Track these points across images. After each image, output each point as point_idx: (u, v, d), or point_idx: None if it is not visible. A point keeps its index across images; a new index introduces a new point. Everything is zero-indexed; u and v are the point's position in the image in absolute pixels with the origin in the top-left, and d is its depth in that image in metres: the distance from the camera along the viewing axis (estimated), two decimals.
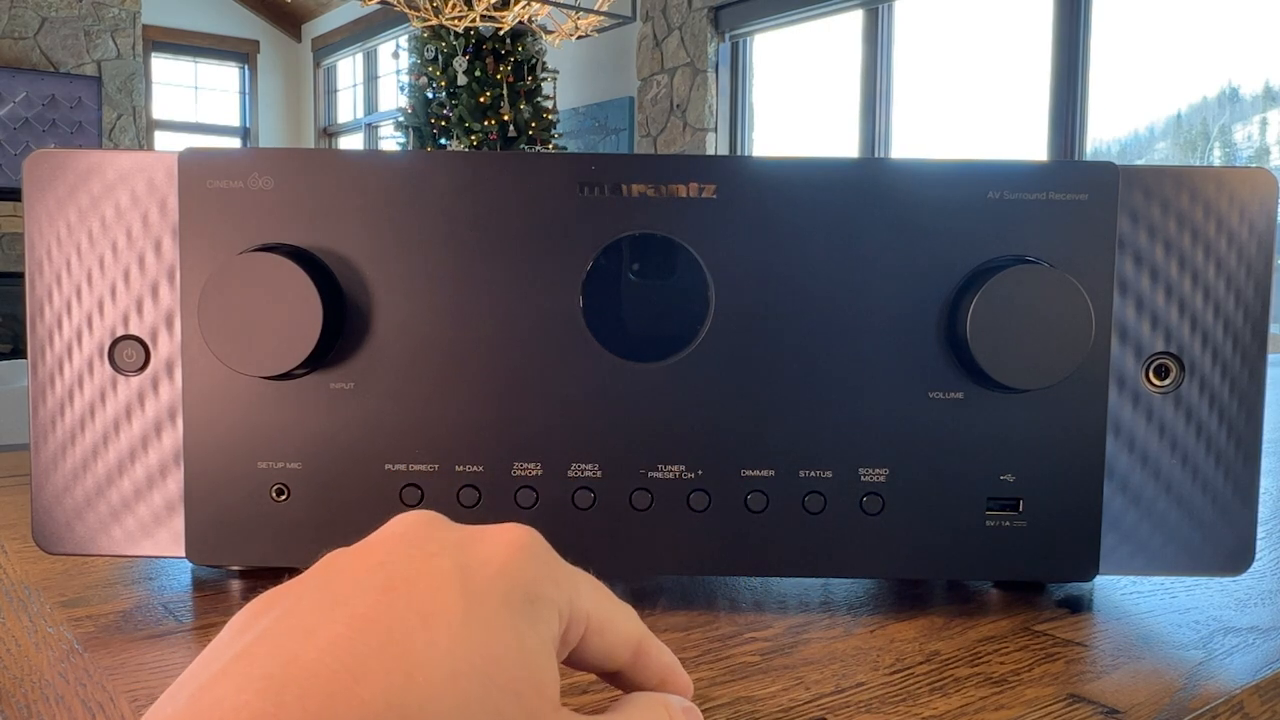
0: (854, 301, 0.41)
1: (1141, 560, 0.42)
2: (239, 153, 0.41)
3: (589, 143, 5.11)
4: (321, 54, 7.23)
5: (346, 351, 0.41)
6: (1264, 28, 3.17)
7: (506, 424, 0.41)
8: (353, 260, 0.41)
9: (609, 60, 5.01)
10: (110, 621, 0.41)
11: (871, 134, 4.15)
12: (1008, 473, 0.41)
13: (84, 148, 0.44)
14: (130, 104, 5.74)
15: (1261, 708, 0.36)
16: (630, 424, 0.41)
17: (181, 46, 6.85)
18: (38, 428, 0.42)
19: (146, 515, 0.42)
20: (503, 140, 4.59)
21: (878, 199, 0.41)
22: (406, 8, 3.77)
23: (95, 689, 0.34)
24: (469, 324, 0.41)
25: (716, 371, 0.41)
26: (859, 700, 0.34)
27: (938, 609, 0.43)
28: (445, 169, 0.41)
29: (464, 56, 4.57)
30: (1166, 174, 0.41)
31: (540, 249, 0.41)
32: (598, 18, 3.92)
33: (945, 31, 4.05)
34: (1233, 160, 3.44)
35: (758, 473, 0.41)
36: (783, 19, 4.36)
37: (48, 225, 0.41)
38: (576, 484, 0.41)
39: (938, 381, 0.41)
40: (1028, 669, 0.37)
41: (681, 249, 0.41)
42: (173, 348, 0.42)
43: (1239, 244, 0.42)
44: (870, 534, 0.41)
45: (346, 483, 0.41)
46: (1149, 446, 0.42)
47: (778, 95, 4.68)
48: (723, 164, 0.41)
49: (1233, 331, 0.42)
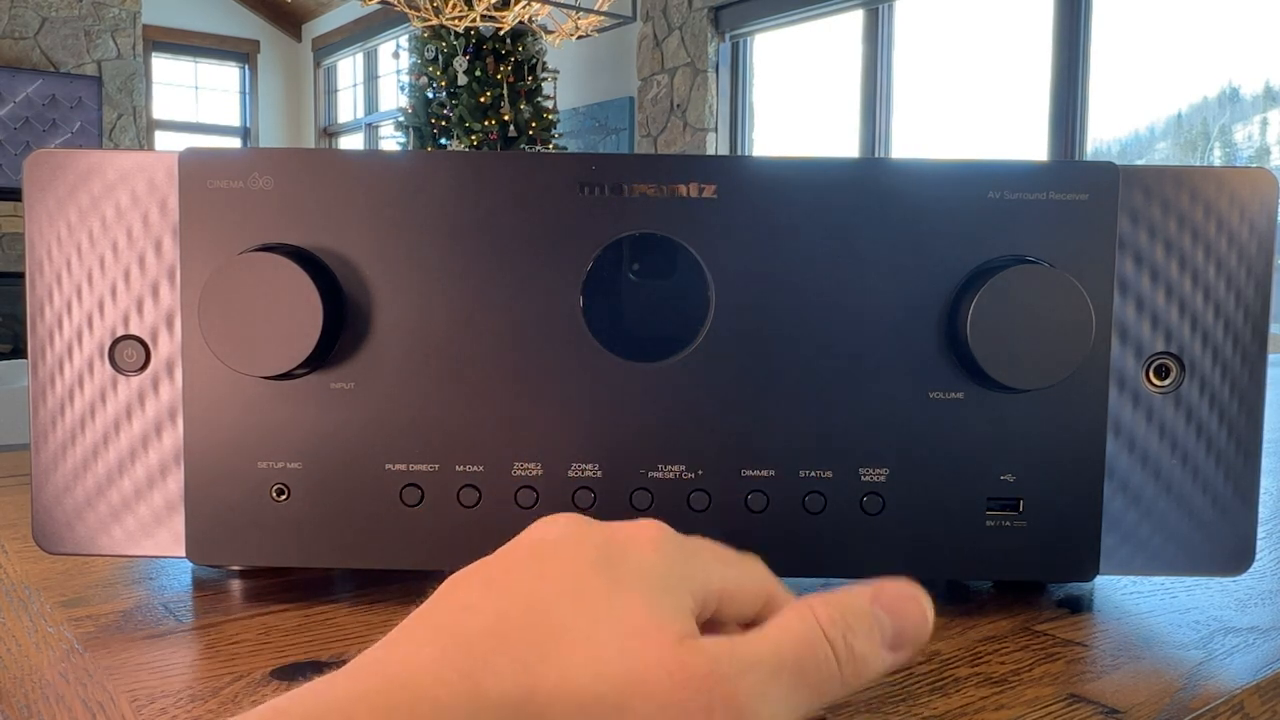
0: (854, 301, 0.41)
1: (1141, 560, 0.42)
2: (239, 153, 0.41)
3: (589, 143, 5.11)
4: (322, 54, 7.23)
5: (346, 351, 0.41)
6: (1264, 28, 3.17)
7: (506, 424, 0.41)
8: (353, 260, 0.41)
9: (609, 60, 5.01)
10: (110, 621, 0.41)
11: (871, 134, 4.15)
12: (1008, 473, 0.41)
13: (84, 148, 0.44)
14: (130, 104, 5.74)
15: (1261, 708, 0.36)
16: (630, 424, 0.41)
17: (181, 46, 6.85)
18: (38, 428, 0.42)
19: (147, 515, 0.42)
20: (503, 140, 4.59)
21: (878, 199, 0.41)
22: (407, 8, 3.77)
23: (95, 689, 0.34)
24: (469, 324, 0.41)
25: (716, 371, 0.41)
26: (859, 700, 0.34)
27: (938, 609, 0.43)
28: (445, 169, 0.41)
29: (464, 56, 4.57)
30: (1167, 174, 0.41)
31: (540, 249, 0.41)
32: (598, 18, 3.92)
33: (945, 31, 4.05)
34: (1233, 160, 3.44)
35: (758, 473, 0.41)
36: (783, 19, 4.36)
37: (48, 225, 0.41)
38: (576, 484, 0.41)
39: (938, 381, 0.41)
40: (1028, 669, 0.37)
41: (682, 249, 0.41)
42: (173, 348, 0.42)
43: (1239, 244, 0.42)
44: (870, 534, 0.41)
45: (346, 483, 0.41)
46: (1149, 446, 0.42)
47: (778, 95, 4.68)
48: (723, 164, 0.41)
49: (1233, 331, 0.42)
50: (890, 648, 0.27)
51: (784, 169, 0.41)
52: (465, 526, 0.41)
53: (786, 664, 0.25)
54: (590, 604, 0.24)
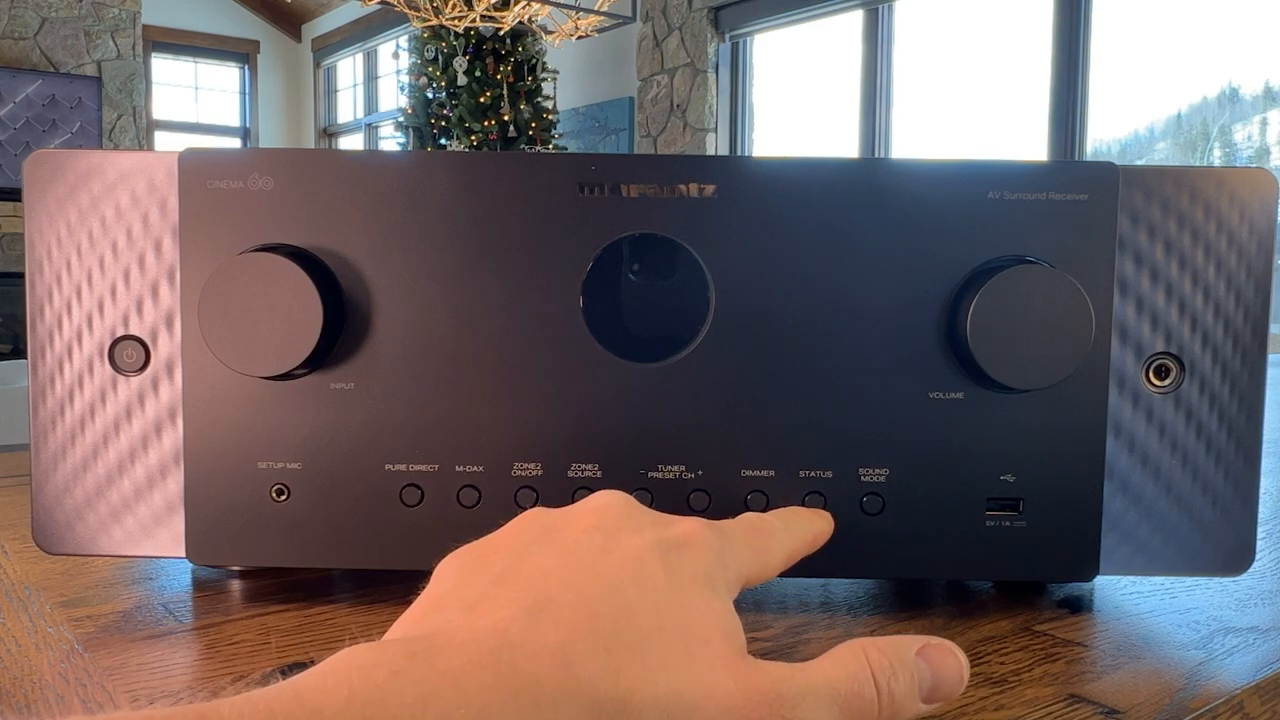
0: (854, 301, 0.41)
1: (1141, 560, 0.42)
2: (239, 153, 0.41)
3: (589, 143, 5.11)
4: (321, 54, 7.22)
5: (346, 351, 0.41)
6: (1264, 28, 3.17)
7: (506, 424, 0.41)
8: (353, 260, 0.41)
9: (609, 60, 5.01)
10: (110, 621, 0.41)
11: (871, 134, 4.15)
12: (1008, 473, 0.41)
13: (84, 148, 0.44)
14: (130, 104, 5.74)
15: (1261, 708, 0.36)
16: (630, 424, 0.41)
17: (181, 46, 6.85)
18: (38, 428, 0.42)
19: (146, 515, 0.42)
20: (503, 140, 4.59)
21: (878, 199, 0.41)
22: (406, 8, 3.77)
23: (95, 689, 0.34)
24: (469, 324, 0.41)
25: (716, 371, 0.41)
26: None
27: (938, 609, 0.43)
28: (445, 169, 0.41)
29: (464, 57, 4.57)
30: (1166, 174, 0.41)
31: (540, 249, 0.41)
32: (598, 18, 3.92)
33: (945, 31, 4.05)
34: (1233, 160, 3.44)
35: (758, 473, 0.41)
36: (783, 19, 4.36)
37: (48, 225, 0.41)
38: (577, 484, 0.41)
39: (938, 381, 0.41)
40: (1028, 669, 0.37)
41: (681, 249, 0.41)
42: (173, 348, 0.42)
43: (1239, 244, 0.42)
44: (870, 534, 0.41)
45: (346, 483, 0.41)
46: (1149, 446, 0.42)
47: (778, 95, 4.68)
48: (723, 164, 0.41)
49: (1233, 331, 0.42)
50: (925, 698, 0.29)
51: (784, 169, 0.41)
52: (465, 526, 0.41)
53: (838, 697, 0.27)
54: (655, 598, 0.26)
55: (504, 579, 0.26)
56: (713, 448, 0.41)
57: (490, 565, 0.27)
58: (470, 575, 0.27)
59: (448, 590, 0.27)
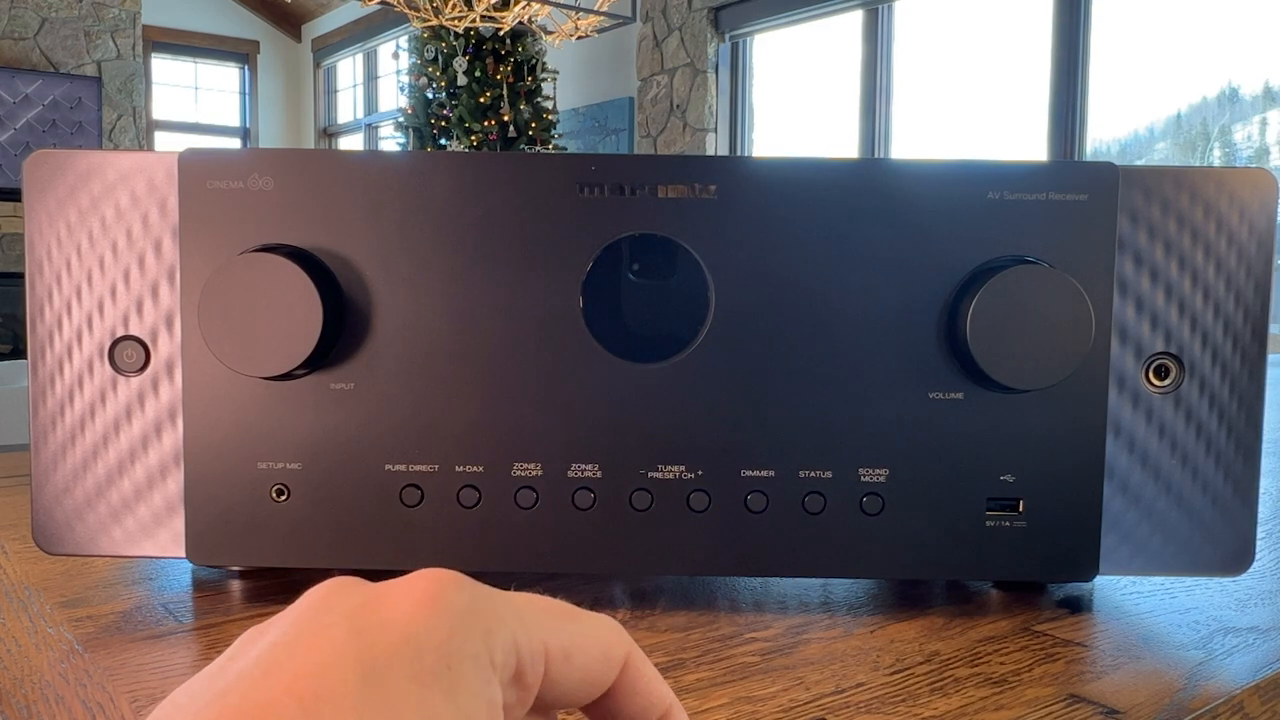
0: (854, 302, 0.41)
1: (1141, 560, 0.42)
2: (239, 153, 0.41)
3: (589, 143, 5.11)
4: (321, 54, 7.22)
5: (346, 352, 0.41)
6: (1264, 28, 3.17)
7: (506, 424, 0.41)
8: (353, 260, 0.41)
9: (609, 60, 5.01)
10: (110, 622, 0.41)
11: (871, 134, 4.14)
12: (1008, 473, 0.41)
13: (84, 148, 0.44)
14: (130, 104, 5.74)
15: (1261, 708, 0.36)
16: (630, 424, 0.41)
17: (181, 47, 6.85)
18: (38, 428, 0.42)
19: (146, 515, 0.42)
20: (503, 141, 4.59)
21: (878, 199, 0.41)
22: (406, 8, 3.77)
23: (95, 689, 0.34)
24: (469, 324, 0.41)
25: (716, 371, 0.41)
26: (859, 700, 0.34)
27: (938, 609, 0.43)
28: (445, 169, 0.41)
29: (464, 57, 4.57)
30: (1166, 174, 0.41)
31: (540, 249, 0.41)
32: (598, 18, 3.92)
33: (945, 31, 4.05)
34: (1233, 160, 3.44)
35: (758, 473, 0.41)
36: (783, 19, 4.36)
37: (48, 226, 0.41)
38: (576, 484, 0.41)
39: (938, 381, 0.41)
40: (1028, 669, 0.37)
41: (681, 249, 0.41)
42: (173, 348, 0.42)
43: (1239, 244, 0.42)
44: (870, 534, 0.41)
45: (346, 483, 0.41)
46: (1149, 447, 0.42)
47: (778, 95, 4.68)
48: (723, 164, 0.41)
49: (1233, 331, 0.42)
50: None
51: (784, 169, 0.41)
52: (465, 526, 0.41)
53: None
54: (332, 717, 0.17)
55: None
56: (713, 448, 0.41)
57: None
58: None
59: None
